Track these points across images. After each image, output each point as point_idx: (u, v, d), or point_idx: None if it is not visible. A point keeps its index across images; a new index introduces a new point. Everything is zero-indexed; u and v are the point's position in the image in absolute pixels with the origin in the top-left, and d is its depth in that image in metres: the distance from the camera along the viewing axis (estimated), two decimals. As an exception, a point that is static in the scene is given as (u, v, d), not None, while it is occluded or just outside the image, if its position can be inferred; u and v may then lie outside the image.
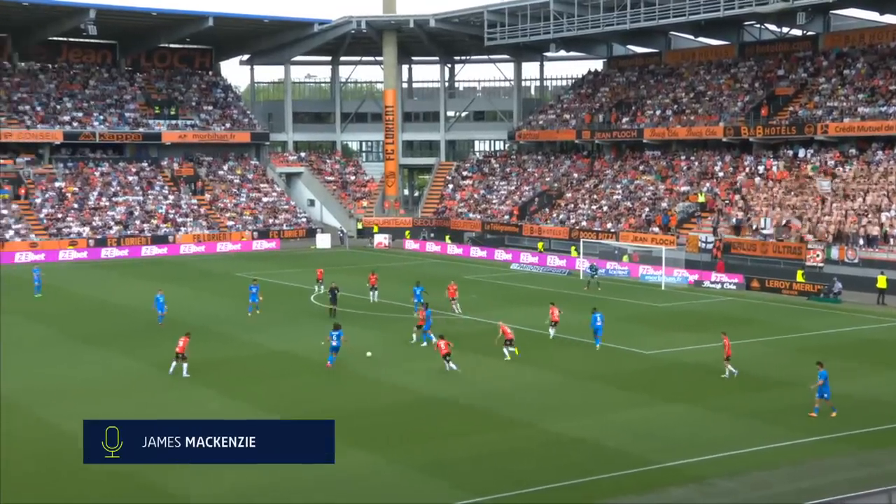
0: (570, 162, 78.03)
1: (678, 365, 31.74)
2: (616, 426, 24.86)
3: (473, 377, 30.13)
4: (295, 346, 34.51)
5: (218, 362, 32.14)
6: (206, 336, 36.64)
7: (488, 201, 77.26)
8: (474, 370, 31.14)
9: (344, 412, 26.11)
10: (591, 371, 31.00)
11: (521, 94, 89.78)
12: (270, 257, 66.34)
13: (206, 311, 42.15)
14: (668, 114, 71.89)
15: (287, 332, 37.11)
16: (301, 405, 26.70)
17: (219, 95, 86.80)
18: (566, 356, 33.41)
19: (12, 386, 28.91)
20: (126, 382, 29.39)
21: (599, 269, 55.57)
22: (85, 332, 37.48)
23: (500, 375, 30.42)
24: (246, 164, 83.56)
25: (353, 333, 37.05)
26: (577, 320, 38.94)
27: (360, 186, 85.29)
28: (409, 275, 52.52)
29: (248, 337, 36.28)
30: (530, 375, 30.41)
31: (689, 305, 45.54)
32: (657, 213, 63.42)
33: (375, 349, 34.23)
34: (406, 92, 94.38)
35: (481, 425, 24.99)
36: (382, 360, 32.44)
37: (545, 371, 30.96)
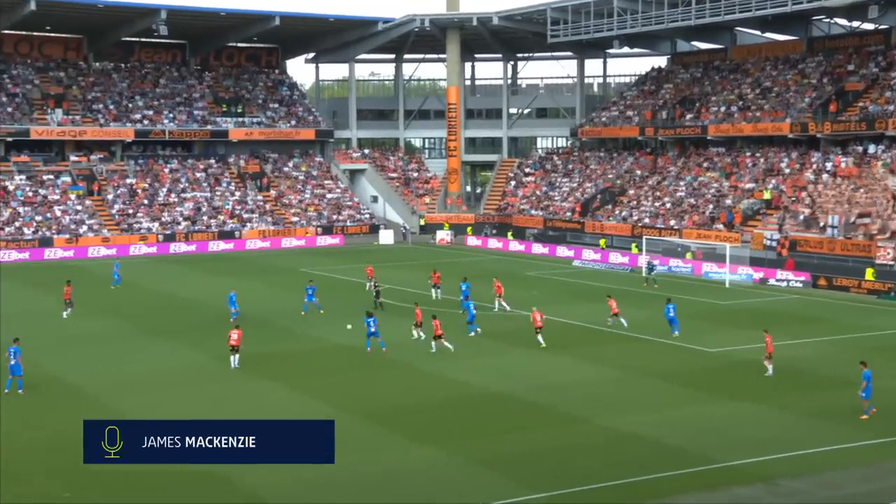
0: (633, 159, 77.16)
1: (742, 363, 31.18)
2: (677, 423, 24.47)
3: (532, 372, 29.98)
4: (357, 340, 34.68)
5: (281, 356, 32.46)
6: (270, 330, 37.03)
7: (550, 198, 76.81)
8: (532, 365, 30.99)
9: (404, 406, 26.17)
10: (651, 367, 30.62)
11: (583, 90, 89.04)
12: (334, 253, 66.85)
13: (270, 306, 42.59)
14: (732, 110, 70.68)
15: (350, 328, 37.28)
16: (361, 399, 26.82)
17: (284, 93, 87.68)
18: (625, 352, 33.06)
19: (82, 377, 29.55)
20: (191, 375, 29.84)
21: (660, 266, 54.89)
22: (154, 326, 38.15)
23: (559, 370, 30.22)
24: (310, 161, 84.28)
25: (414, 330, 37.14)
26: (636, 316, 38.50)
27: (423, 183, 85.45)
28: (470, 271, 52.48)
29: (311, 331, 36.56)
30: (589, 371, 30.15)
31: (754, 303, 44.76)
32: (721, 210, 62.44)
33: (436, 344, 34.22)
34: (469, 89, 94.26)
35: (540, 420, 24.82)
36: (442, 355, 32.43)
37: (604, 367, 30.67)
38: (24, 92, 75.62)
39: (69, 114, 75.21)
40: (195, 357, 32.09)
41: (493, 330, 36.81)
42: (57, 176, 72.96)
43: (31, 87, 76.61)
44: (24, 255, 62.55)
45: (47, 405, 25.92)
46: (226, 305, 39.83)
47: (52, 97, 75.64)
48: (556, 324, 38.46)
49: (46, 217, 68.01)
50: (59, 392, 27.69)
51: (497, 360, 31.77)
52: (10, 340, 28.46)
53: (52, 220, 67.87)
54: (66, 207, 69.63)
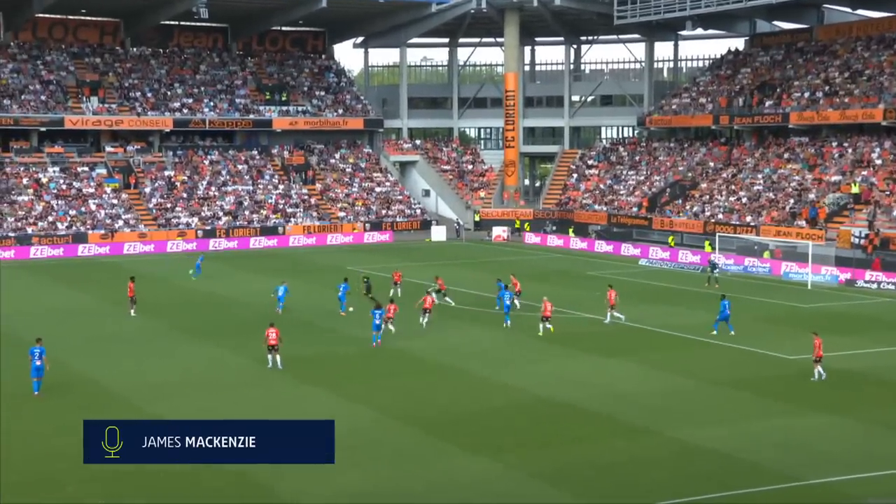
0: (706, 149, 76.22)
1: (826, 371, 30.53)
2: (754, 436, 24.03)
3: (595, 380, 29.72)
4: (407, 343, 34.67)
5: (325, 359, 32.56)
6: (314, 331, 37.20)
7: (615, 192, 76.20)
8: (595, 372, 30.71)
9: (455, 414, 26.06)
10: (724, 375, 30.16)
11: (652, 76, 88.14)
12: (383, 250, 66.99)
13: (314, 306, 42.80)
14: (817, 96, 69.40)
15: (400, 330, 37.31)
16: (409, 406, 26.76)
17: (331, 80, 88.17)
18: (695, 358, 32.64)
19: (114, 379, 29.93)
20: (229, 378, 30.04)
21: (734, 266, 54.19)
22: (192, 326, 38.56)
23: (624, 378, 29.90)
24: (358, 153, 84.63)
25: (471, 332, 37.09)
26: (705, 319, 37.99)
27: (478, 176, 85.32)
28: (530, 270, 52.19)
29: (358, 333, 36.62)
30: (656, 379, 29.79)
31: (840, 307, 43.91)
32: (803, 205, 61.44)
33: (493, 349, 34.13)
34: (528, 75, 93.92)
35: (603, 431, 24.55)
36: (497, 360, 32.30)
37: (672, 374, 30.27)
38: (59, 79, 77.06)
39: (105, 102, 76.47)
40: (234, 359, 32.34)
41: (552, 334, 36.53)
42: (92, 168, 74.24)
43: (65, 73, 78.05)
44: (57, 252, 63.72)
45: (77, 407, 26.25)
46: (272, 299, 40.87)
47: (88, 84, 76.97)
48: (620, 328, 38.04)
49: (81, 211, 69.23)
50: (91, 394, 28.06)
51: (557, 365, 31.54)
52: (42, 339, 28.86)
53: (86, 214, 69.07)
54: (101, 201, 70.81)
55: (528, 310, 40.61)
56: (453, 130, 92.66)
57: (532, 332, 36.63)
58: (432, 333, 36.68)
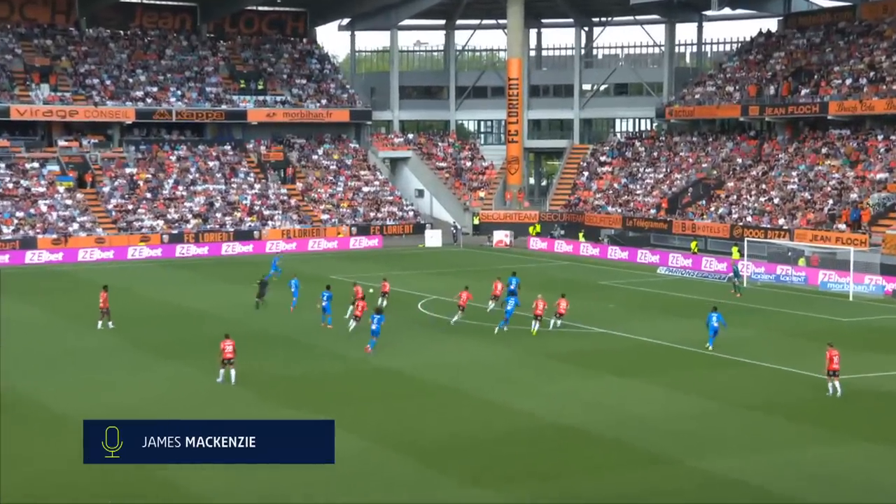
0: (734, 144, 76.51)
1: (869, 394, 30.69)
2: (785, 466, 24.14)
3: (610, 402, 29.83)
4: (400, 362, 34.75)
5: (308, 378, 32.59)
6: (295, 347, 37.24)
7: (631, 192, 76.43)
8: (611, 394, 30.83)
9: (455, 441, 26.11)
10: (753, 397, 30.30)
11: (673, 61, 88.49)
12: (371, 257, 67.07)
13: (295, 320, 42.84)
14: (861, 83, 69.71)
15: (391, 346, 37.39)
16: (404, 432, 26.79)
17: (313, 67, 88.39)
18: (721, 378, 32.80)
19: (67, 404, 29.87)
20: (198, 402, 29.93)
21: (765, 275, 54.40)
22: (156, 343, 38.56)
23: (642, 400, 30.02)
24: (344, 148, 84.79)
25: (470, 348, 37.19)
26: (732, 335, 38.24)
27: (478, 174, 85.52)
28: (535, 279, 52.30)
29: (345, 350, 36.65)
30: (679, 401, 29.90)
31: (886, 321, 44.09)
32: (844, 206, 61.73)
33: (494, 367, 34.22)
34: (534, 61, 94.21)
35: (620, 460, 24.65)
36: (499, 379, 32.39)
37: (695, 396, 30.40)
38: (4, 63, 77.15)
39: (57, 90, 76.57)
40: (203, 380, 32.34)
41: (560, 351, 36.70)
42: (42, 164, 74.31)
43: (11, 57, 78.14)
44: (2, 259, 63.66)
45: (25, 439, 26.21)
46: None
47: (37, 70, 77.09)
48: (637, 344, 38.17)
49: (30, 213, 69.28)
50: (42, 423, 27.94)
51: (565, 386, 31.63)
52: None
53: (36, 216, 69.12)
54: (52, 202, 70.89)
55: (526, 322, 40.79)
56: (450, 123, 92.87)
57: (538, 349, 36.73)
58: (427, 350, 36.76)
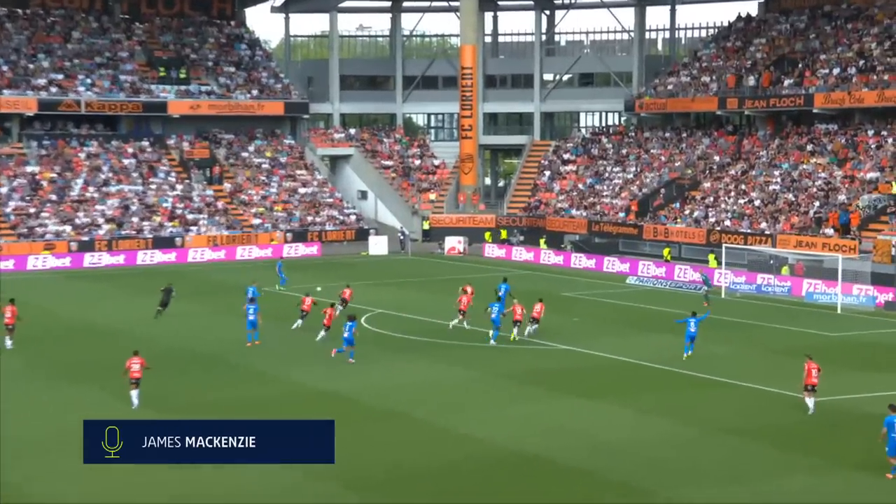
0: (710, 140, 77.08)
1: (859, 417, 30.96)
2: (771, 498, 24.29)
3: (576, 426, 29.88)
4: (340, 384, 34.58)
5: (233, 404, 32.23)
6: (221, 369, 36.93)
7: (597, 194, 76.77)
8: (577, 417, 30.88)
9: (403, 473, 26.03)
10: (734, 421, 30.50)
11: (643, 49, 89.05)
12: (308, 266, 66.75)
13: (223, 337, 42.53)
14: (850, 72, 70.49)
15: (330, 366, 37.18)
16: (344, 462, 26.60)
17: (243, 53, 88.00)
18: (698, 400, 32.98)
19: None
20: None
21: (744, 286, 54.84)
22: (59, 366, 38.03)
23: (610, 425, 30.10)
24: (278, 144, 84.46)
25: (421, 368, 37.11)
26: (711, 352, 38.54)
27: (428, 174, 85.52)
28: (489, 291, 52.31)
29: (281, 372, 36.45)
30: (650, 426, 30.02)
31: (877, 336, 44.54)
32: (831, 208, 62.31)
33: (448, 389, 34.15)
34: (489, 48, 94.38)
35: (586, 492, 24.69)
36: (453, 403, 32.32)
37: (670, 420, 30.53)
38: None
39: (-49, 79, 75.64)
40: (117, 408, 31.91)
41: (520, 370, 36.74)
42: (-64, 163, 73.34)
43: None
44: None
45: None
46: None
47: (-72, 57, 76.05)
48: (605, 362, 38.32)
49: (-79, 218, 68.34)
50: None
51: (527, 409, 31.62)
52: None
53: (-72, 221, 68.20)
54: (-53, 205, 69.97)
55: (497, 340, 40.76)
56: (396, 117, 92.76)
57: (495, 369, 36.70)
58: (371, 370, 36.62)
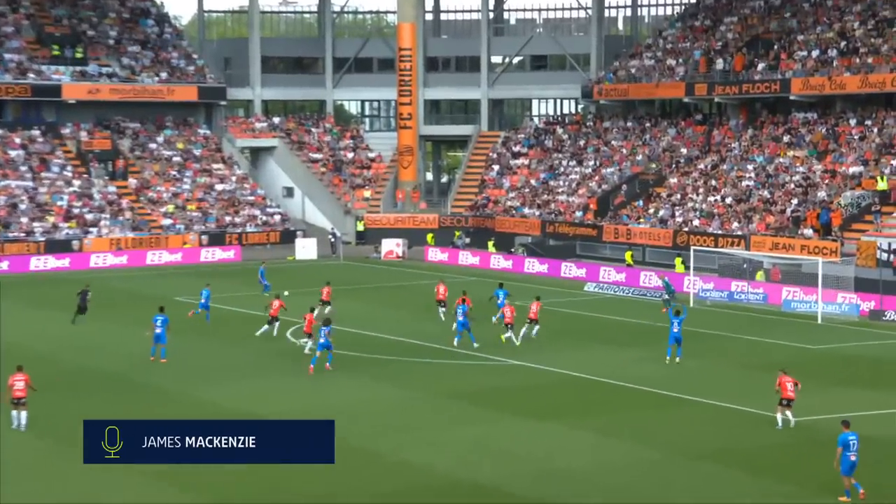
0: (677, 131, 77.48)
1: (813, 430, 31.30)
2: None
3: (529, 451, 29.85)
4: (262, 406, 34.33)
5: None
6: (133, 390, 36.54)
7: (552, 190, 76.92)
8: (529, 441, 30.86)
9: None
10: (703, 444, 30.62)
11: (602, 29, 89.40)
12: (227, 273, 66.32)
13: (129, 354, 42.12)
14: (830, 55, 71.09)
15: (252, 385, 36.98)
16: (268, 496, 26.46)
17: (150, 30, 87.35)
18: (664, 421, 33.10)
19: None
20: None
21: (714, 293, 55.10)
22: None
23: (567, 449, 30.13)
24: (191, 135, 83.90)
25: (356, 388, 36.99)
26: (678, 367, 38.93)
27: (362, 168, 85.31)
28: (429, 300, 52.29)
29: (194, 392, 36.19)
30: (609, 449, 30.11)
31: (860, 348, 44.90)
32: (811, 206, 62.75)
33: (385, 410, 34.06)
34: (430, 27, 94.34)
35: (539, 525, 24.67)
36: (392, 426, 32.21)
37: (632, 443, 30.61)
38: None
39: None
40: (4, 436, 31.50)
41: (466, 389, 36.73)
42: None
43: None
44: None
45: None
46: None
47: None
48: (561, 379, 38.38)
49: None
50: None
51: (474, 432, 31.55)
52: None
53: None
54: None
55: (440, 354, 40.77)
56: (326, 104, 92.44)
57: (438, 387, 36.72)
58: (298, 389, 36.45)
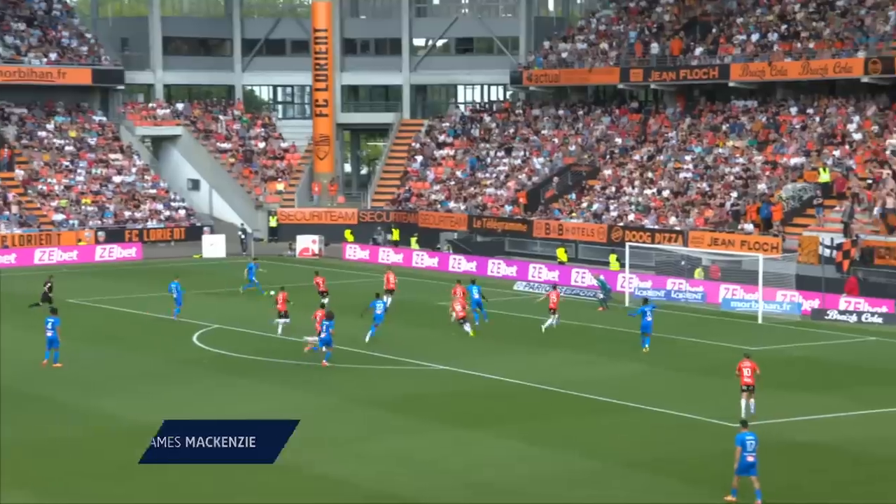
0: (611, 119, 77.97)
1: (785, 446, 31.52)
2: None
3: (453, 463, 29.86)
4: (166, 416, 34.04)
5: (44, 445, 31.72)
6: (21, 403, 36.19)
7: (479, 183, 77.11)
8: (455, 452, 30.92)
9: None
10: (641, 453, 30.80)
11: (531, 10, 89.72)
12: (127, 273, 65.91)
13: (18, 361, 41.76)
14: (771, 39, 71.84)
15: (155, 395, 36.83)
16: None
17: (36, 7, 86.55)
18: (600, 429, 33.33)
19: None
20: None
21: (651, 291, 55.55)
22: None
23: (495, 459, 30.17)
24: (85, 122, 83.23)
25: (269, 395, 36.91)
26: (614, 371, 39.16)
27: (275, 159, 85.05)
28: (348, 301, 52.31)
29: (91, 404, 35.92)
30: (541, 459, 30.17)
31: (803, 349, 45.37)
32: (751, 200, 63.39)
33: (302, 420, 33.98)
34: (348, 7, 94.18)
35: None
36: (307, 438, 32.11)
37: (566, 452, 30.73)
38: None
39: None
40: None
41: (387, 396, 36.81)
42: None
43: None
44: None
45: None
46: None
47: None
48: (489, 385, 38.52)
49: None
50: None
51: (397, 443, 31.55)
52: None
53: None
54: None
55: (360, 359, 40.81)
56: (235, 89, 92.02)
57: (358, 394, 36.77)
58: (205, 399, 36.33)
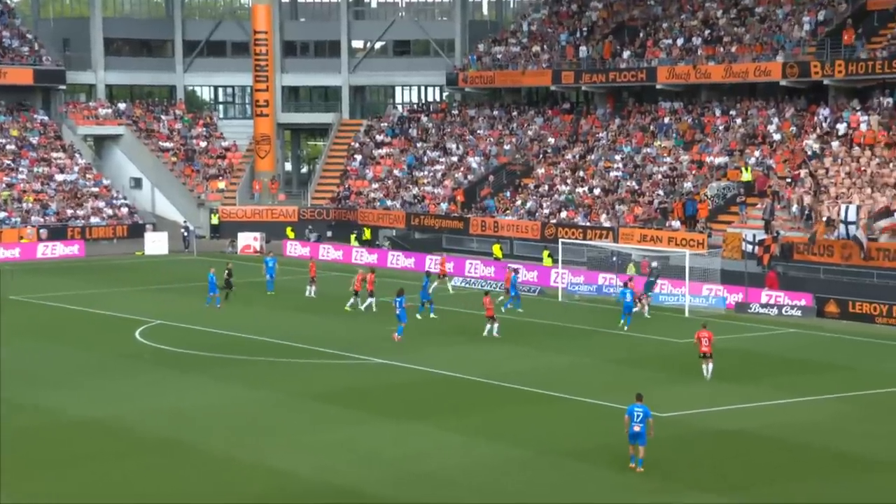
0: (544, 120, 78.15)
1: (709, 434, 31.82)
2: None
3: (392, 453, 29.84)
4: (107, 410, 33.96)
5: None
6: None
7: (417, 182, 77.15)
8: (396, 442, 30.92)
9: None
10: (569, 442, 30.99)
11: (466, 13, 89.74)
12: (70, 271, 65.44)
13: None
14: (695, 43, 72.30)
15: (97, 389, 36.62)
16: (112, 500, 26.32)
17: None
18: (532, 418, 33.47)
19: None
20: None
21: (583, 287, 55.72)
22: None
23: (433, 449, 30.29)
24: (27, 121, 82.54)
25: (209, 389, 36.79)
26: (546, 363, 39.43)
27: (216, 158, 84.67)
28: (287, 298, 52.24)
29: (37, 397, 35.68)
30: (479, 449, 30.27)
31: (727, 342, 45.42)
32: (678, 197, 63.85)
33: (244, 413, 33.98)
34: (287, 9, 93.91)
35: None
36: (250, 429, 32.08)
37: (500, 442, 30.84)
38: None
39: None
40: None
41: (328, 389, 36.79)
42: None
43: None
44: None
45: None
46: None
47: None
48: (427, 378, 38.69)
49: None
50: None
51: (339, 435, 31.54)
52: None
53: None
54: None
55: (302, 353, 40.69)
56: (176, 90, 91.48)
57: (299, 388, 36.66)
58: (146, 392, 36.22)
